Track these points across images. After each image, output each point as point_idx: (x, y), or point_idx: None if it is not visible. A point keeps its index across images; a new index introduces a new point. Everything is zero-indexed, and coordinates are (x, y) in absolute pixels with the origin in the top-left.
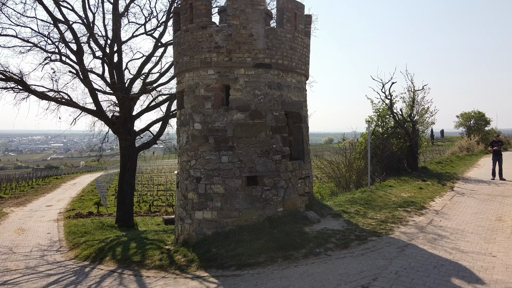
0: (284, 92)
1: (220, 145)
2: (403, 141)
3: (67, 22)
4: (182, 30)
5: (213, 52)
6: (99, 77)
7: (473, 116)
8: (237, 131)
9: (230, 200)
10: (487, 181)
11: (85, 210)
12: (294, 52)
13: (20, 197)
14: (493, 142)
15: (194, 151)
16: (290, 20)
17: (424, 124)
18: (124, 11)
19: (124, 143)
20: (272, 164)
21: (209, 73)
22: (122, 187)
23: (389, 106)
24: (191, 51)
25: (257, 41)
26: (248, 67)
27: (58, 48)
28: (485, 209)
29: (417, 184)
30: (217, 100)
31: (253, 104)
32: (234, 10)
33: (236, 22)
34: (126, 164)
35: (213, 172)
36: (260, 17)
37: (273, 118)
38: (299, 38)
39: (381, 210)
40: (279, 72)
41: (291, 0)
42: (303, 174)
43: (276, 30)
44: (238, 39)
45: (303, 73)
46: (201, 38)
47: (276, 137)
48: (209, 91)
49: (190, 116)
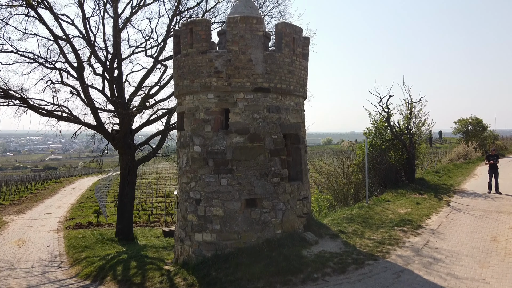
0: (282, 115)
1: (219, 167)
2: (401, 153)
3: (67, 39)
4: (182, 54)
5: (212, 77)
6: (99, 92)
7: (471, 122)
8: (236, 154)
9: (229, 222)
10: (483, 195)
11: (85, 220)
12: (292, 76)
13: (20, 204)
14: (489, 156)
15: (194, 173)
16: (288, 44)
17: (421, 136)
18: (123, 25)
19: (124, 157)
20: (271, 186)
21: (209, 97)
22: (122, 200)
23: (387, 119)
24: (191, 75)
25: (256, 66)
26: (247, 91)
27: (60, 72)
28: (481, 227)
29: (414, 198)
30: (217, 124)
31: (252, 127)
32: (233, 36)
33: (235, 48)
34: (126, 177)
35: (212, 194)
36: (259, 42)
37: (271, 141)
38: (297, 62)
39: (378, 229)
40: (277, 96)
41: (289, 25)
42: (301, 195)
43: (274, 55)
44: (237, 64)
45: (301, 95)
46: (201, 63)
47: (275, 159)
48: (208, 114)
49: (190, 139)
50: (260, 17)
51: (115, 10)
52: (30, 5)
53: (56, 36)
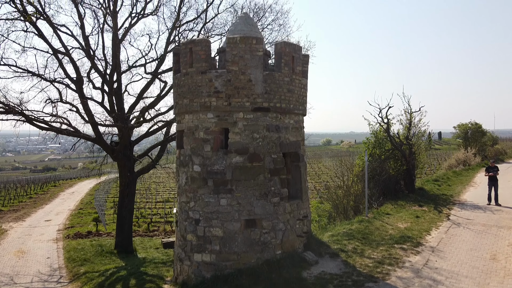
0: (282, 134)
1: (219, 187)
2: (400, 164)
3: (67, 52)
4: (182, 73)
5: (212, 97)
6: (98, 104)
7: (470, 127)
8: (236, 174)
9: (228, 243)
10: (482, 207)
11: (84, 228)
12: (291, 95)
13: (19, 210)
14: (488, 168)
15: (193, 193)
16: (288, 63)
17: (421, 146)
18: (123, 36)
19: (123, 170)
20: (271, 206)
21: (208, 116)
22: (121, 212)
23: (386, 129)
24: (190, 95)
25: (255, 86)
26: (247, 111)
27: (59, 91)
28: (480, 244)
29: (414, 211)
30: (216, 143)
31: (251, 147)
32: (233, 56)
33: (235, 68)
34: (125, 190)
35: (212, 214)
36: (259, 62)
37: (271, 160)
38: (297, 80)
39: (378, 247)
40: (277, 115)
41: (288, 44)
42: (301, 214)
43: (274, 75)
44: (237, 84)
45: (300, 113)
46: (201, 83)
47: (274, 179)
48: (208, 134)
49: (189, 158)
50: (260, 37)
51: (115, 22)
52: (30, 21)
53: (55, 50)
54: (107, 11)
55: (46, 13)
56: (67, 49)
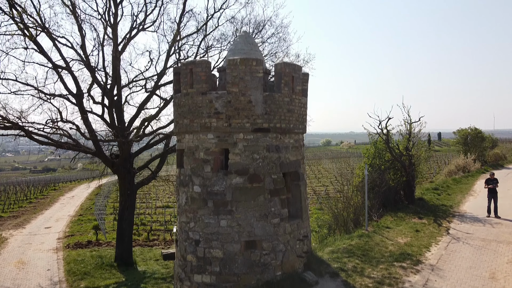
0: (282, 154)
1: (219, 208)
2: (400, 175)
3: (68, 67)
4: (183, 93)
5: (212, 118)
6: (99, 117)
7: (470, 133)
8: (236, 195)
9: (228, 264)
10: (482, 220)
11: (84, 237)
12: (291, 114)
13: (19, 216)
14: (488, 180)
15: (193, 213)
16: (288, 83)
17: (420, 158)
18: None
19: (123, 182)
20: (271, 227)
21: (208, 137)
22: (122, 225)
23: (386, 141)
24: (191, 115)
25: (255, 107)
26: (247, 132)
27: (59, 111)
28: (479, 261)
29: (414, 224)
30: (216, 164)
31: (251, 168)
32: (233, 78)
33: (235, 90)
34: (125, 202)
35: (212, 236)
36: (259, 84)
37: (271, 181)
38: (296, 100)
39: (378, 265)
40: (277, 135)
41: (288, 65)
42: (301, 234)
43: (274, 96)
44: (237, 105)
45: (300, 132)
46: (201, 104)
47: (275, 200)
48: (208, 154)
49: (189, 178)
50: (260, 59)
51: (115, 34)
52: (30, 36)
53: (56, 66)
54: (107, 23)
55: (47, 27)
56: (68, 64)
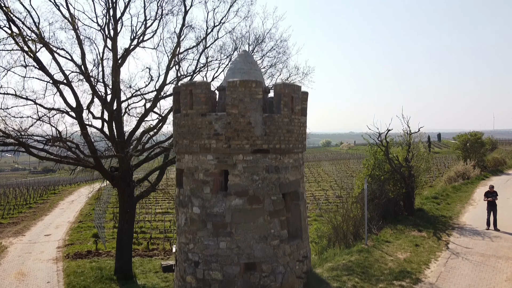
0: (281, 175)
1: (218, 230)
2: (399, 186)
3: (68, 82)
4: (182, 114)
5: (212, 139)
6: (98, 130)
7: (469, 138)
8: (236, 216)
9: (228, 286)
10: (481, 233)
11: (84, 246)
12: (291, 135)
13: (19, 223)
14: (487, 193)
15: (192, 235)
16: (287, 104)
17: (419, 170)
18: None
19: (122, 195)
20: (270, 249)
21: (208, 158)
22: (121, 238)
23: (386, 153)
24: (190, 136)
25: (255, 128)
26: (247, 153)
27: (59, 132)
28: (478, 278)
29: (413, 238)
30: (216, 185)
31: (251, 189)
32: (233, 99)
33: (235, 111)
34: (124, 215)
35: (211, 258)
36: (258, 105)
37: (271, 202)
38: (296, 120)
39: (378, 284)
40: (276, 156)
41: (287, 85)
42: (301, 255)
43: (273, 117)
44: (236, 127)
45: (300, 151)
46: (201, 125)
47: (274, 221)
48: (208, 175)
49: (189, 199)
50: (259, 81)
51: (114, 49)
52: (30, 52)
53: (56, 81)
54: (107, 36)
55: (47, 42)
56: (68, 79)
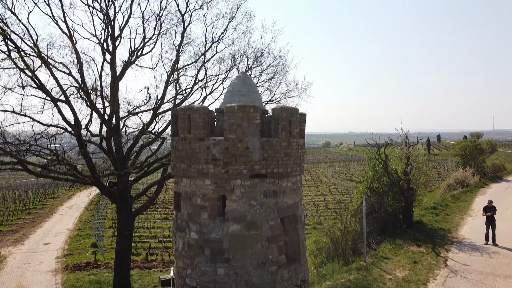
0: (279, 199)
1: (216, 256)
2: (398, 200)
3: (67, 100)
4: (180, 137)
5: (210, 164)
6: (96, 146)
7: (469, 145)
8: (233, 242)
9: None
10: (480, 248)
11: (83, 256)
12: (289, 158)
13: (18, 231)
14: (486, 208)
15: (190, 260)
16: (285, 128)
17: (418, 183)
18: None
19: (121, 211)
20: (268, 275)
21: (206, 183)
22: (120, 255)
23: (384, 167)
24: (188, 160)
25: (253, 153)
26: (244, 178)
27: (57, 154)
28: None
29: (412, 254)
30: (213, 211)
31: (249, 214)
32: (231, 125)
33: (232, 136)
34: (123, 231)
35: (209, 284)
36: (256, 130)
37: (269, 228)
38: (294, 143)
39: None
40: (274, 180)
41: (285, 109)
42: (299, 279)
43: (271, 141)
44: (234, 152)
45: (298, 174)
46: (199, 149)
47: (272, 247)
48: (205, 201)
49: (186, 223)
50: (257, 106)
51: (113, 67)
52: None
53: (55, 99)
54: (106, 50)
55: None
56: (66, 96)
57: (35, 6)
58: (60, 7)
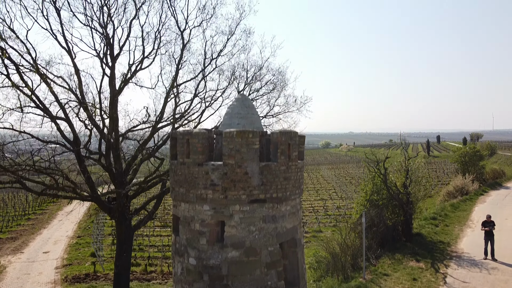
0: (278, 224)
1: (215, 283)
2: (398, 214)
3: (67, 119)
4: (179, 161)
5: (208, 189)
6: (95, 162)
7: (468, 152)
8: (232, 269)
9: None
10: (479, 263)
11: (82, 266)
12: (288, 182)
13: (17, 238)
14: (484, 222)
15: (189, 285)
16: (284, 152)
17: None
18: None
19: (120, 227)
20: None
21: (204, 208)
22: (119, 271)
23: (384, 181)
24: (187, 185)
25: (252, 178)
26: (243, 203)
27: (55, 179)
28: None
29: (411, 270)
30: (212, 236)
31: (248, 240)
32: (229, 150)
33: (231, 162)
34: (122, 246)
35: None
36: (255, 155)
37: (268, 253)
38: (293, 166)
39: None
40: (273, 205)
41: (284, 133)
42: None
43: (270, 166)
44: (233, 177)
45: (297, 197)
46: (197, 174)
47: (271, 273)
48: (204, 226)
49: (185, 248)
50: (256, 131)
51: (112, 84)
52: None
53: (53, 117)
54: (105, 63)
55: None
56: (66, 113)
57: (35, 23)
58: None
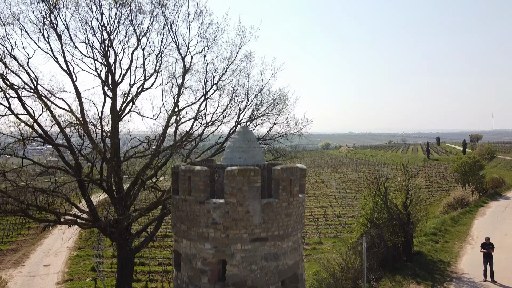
0: (280, 261)
1: None
2: (398, 234)
3: (70, 146)
4: (180, 198)
5: (210, 228)
6: (97, 185)
7: (468, 162)
8: None
9: None
10: (479, 285)
11: (83, 282)
12: (289, 218)
13: (18, 250)
14: (483, 244)
15: None
16: (286, 188)
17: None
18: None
19: (120, 249)
20: None
21: (206, 246)
22: None
23: (384, 201)
24: (188, 222)
25: (253, 217)
26: (245, 242)
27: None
28: None
29: None
30: (213, 275)
31: (249, 279)
32: (231, 189)
33: (233, 200)
34: (123, 269)
35: None
36: (257, 193)
37: None
38: (294, 202)
39: None
40: (275, 242)
41: (285, 170)
42: None
43: (272, 203)
44: (235, 216)
45: (298, 231)
46: (199, 212)
47: None
48: (205, 265)
49: (187, 286)
50: (258, 169)
51: (114, 110)
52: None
53: (56, 144)
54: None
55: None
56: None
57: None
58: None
